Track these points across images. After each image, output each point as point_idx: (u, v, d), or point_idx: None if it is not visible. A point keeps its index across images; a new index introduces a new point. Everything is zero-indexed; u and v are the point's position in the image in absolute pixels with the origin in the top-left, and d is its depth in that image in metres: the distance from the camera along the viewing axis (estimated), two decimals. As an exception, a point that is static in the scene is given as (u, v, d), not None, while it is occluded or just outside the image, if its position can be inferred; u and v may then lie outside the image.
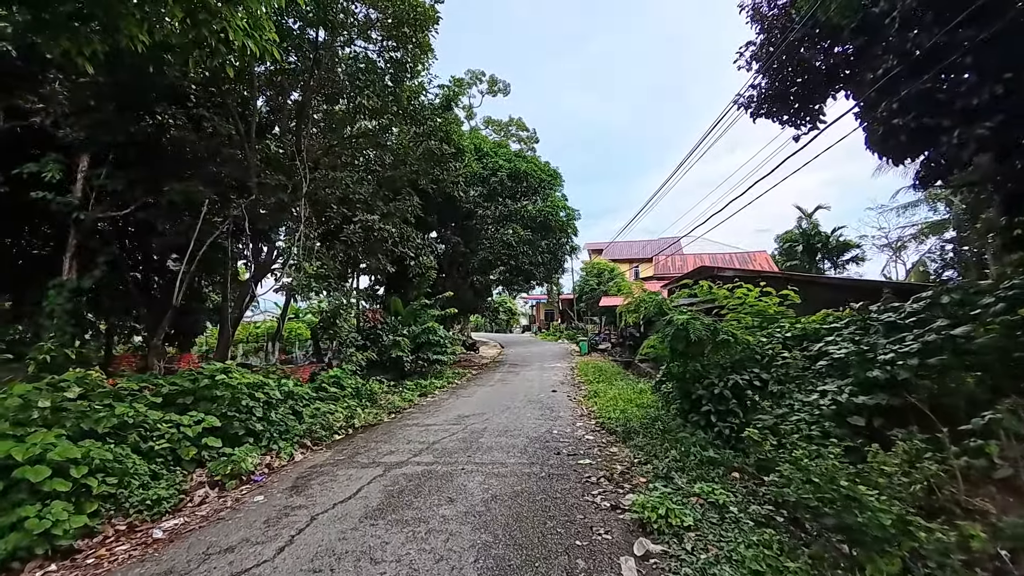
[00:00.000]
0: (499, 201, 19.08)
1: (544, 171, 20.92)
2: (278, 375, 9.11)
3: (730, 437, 6.49)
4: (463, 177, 15.92)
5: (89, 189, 10.16)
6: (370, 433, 8.47)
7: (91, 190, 10.21)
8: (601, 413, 9.18)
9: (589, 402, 10.71)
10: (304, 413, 8.50)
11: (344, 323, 11.99)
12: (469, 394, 12.68)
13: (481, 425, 8.54)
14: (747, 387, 6.87)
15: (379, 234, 12.99)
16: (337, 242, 12.62)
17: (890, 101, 7.20)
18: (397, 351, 14.52)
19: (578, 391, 12.89)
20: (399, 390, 13.42)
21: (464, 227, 19.56)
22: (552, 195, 20.31)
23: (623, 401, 10.11)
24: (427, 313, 16.57)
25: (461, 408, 10.51)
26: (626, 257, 40.71)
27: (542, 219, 18.96)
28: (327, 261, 12.42)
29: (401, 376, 15.28)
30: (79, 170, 10.20)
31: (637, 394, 10.76)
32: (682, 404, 7.63)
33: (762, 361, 7.37)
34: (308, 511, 4.75)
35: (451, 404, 11.18)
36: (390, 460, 6.45)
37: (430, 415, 9.88)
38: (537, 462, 6.18)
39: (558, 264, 21.54)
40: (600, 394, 11.25)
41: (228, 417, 7.07)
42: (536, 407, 10.33)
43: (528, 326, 56.96)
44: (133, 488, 5.00)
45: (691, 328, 6.84)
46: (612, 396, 10.80)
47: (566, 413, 9.62)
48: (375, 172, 14.58)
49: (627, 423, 7.86)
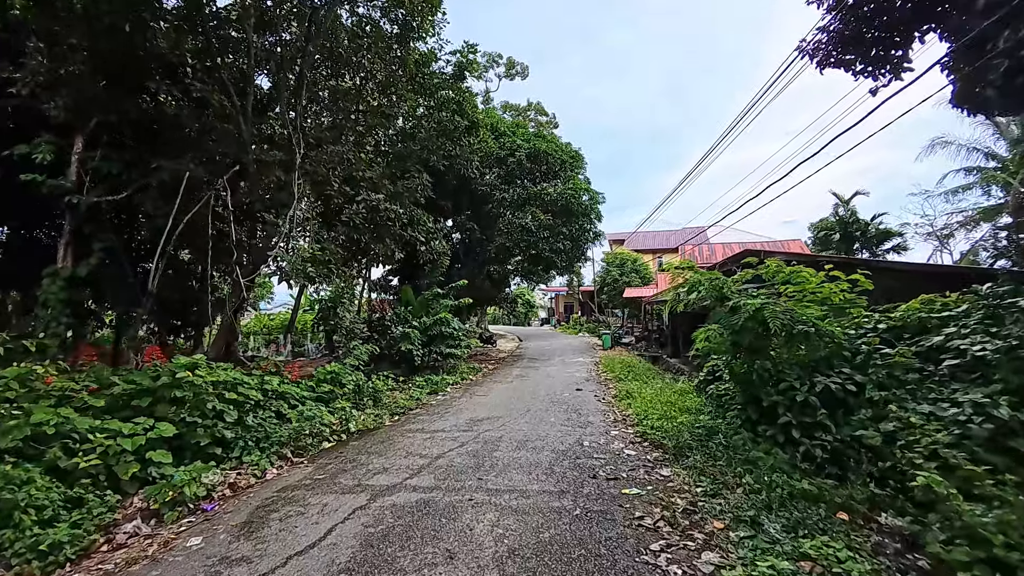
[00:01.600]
0: (517, 184, 17.49)
1: (565, 152, 19.25)
2: (260, 372, 7.78)
3: (822, 460, 4.87)
4: (478, 155, 14.40)
5: (83, 172, 9.38)
6: (365, 441, 7.07)
7: (85, 173, 9.43)
8: (639, 419, 7.62)
9: (622, 404, 9.14)
10: (291, 416, 7.14)
11: (346, 312, 10.64)
12: (484, 392, 11.23)
13: (496, 433, 7.06)
14: (840, 393, 5.24)
15: (385, 215, 11.59)
16: (339, 224, 11.26)
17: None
18: (407, 344, 13.15)
19: (606, 390, 11.31)
20: (408, 387, 12.06)
21: (480, 212, 18.06)
22: (574, 177, 18.65)
23: (662, 404, 8.52)
24: (440, 303, 15.16)
25: (474, 410, 9.06)
26: (649, 248, 38.73)
27: (563, 202, 17.34)
28: (327, 245, 11.06)
29: (411, 371, 13.94)
30: (73, 152, 9.37)
31: (678, 396, 9.15)
32: (746, 412, 6.02)
33: (853, 359, 5.72)
34: (249, 570, 3.33)
35: (463, 405, 9.74)
36: (380, 483, 5.02)
37: (438, 418, 8.45)
38: (568, 490, 4.66)
39: (580, 252, 19.87)
40: (634, 395, 9.67)
41: (190, 424, 5.75)
42: (560, 409, 8.82)
43: (547, 319, 55.34)
44: (25, 526, 3.66)
45: (769, 316, 5.20)
46: (649, 397, 9.21)
47: (596, 418, 8.07)
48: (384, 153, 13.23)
49: (676, 434, 6.27)
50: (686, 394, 9.22)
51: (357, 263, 16.95)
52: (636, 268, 30.54)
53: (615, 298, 30.62)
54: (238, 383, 6.66)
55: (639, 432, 6.88)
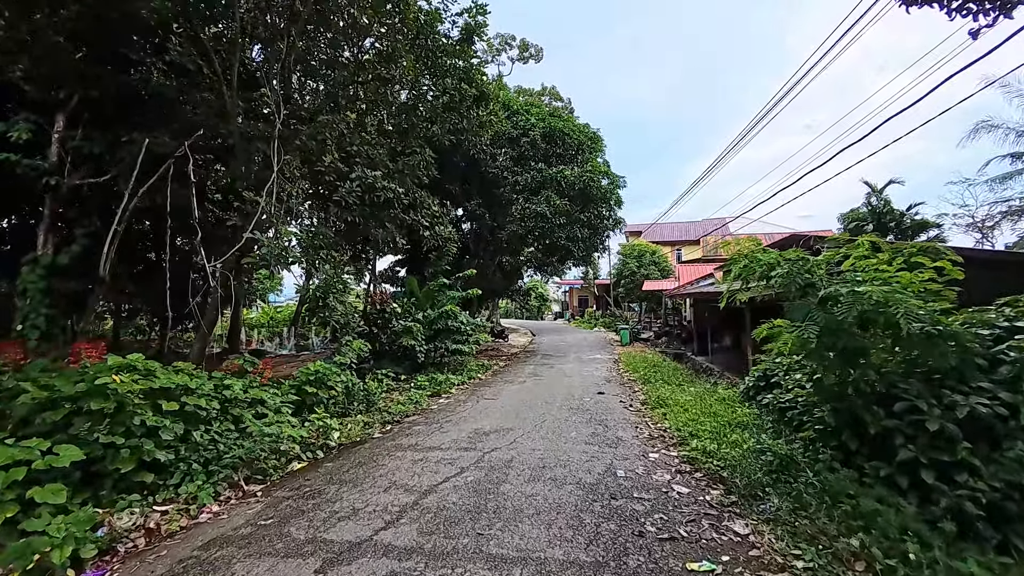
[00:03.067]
0: (531, 166, 15.92)
1: (583, 133, 17.59)
2: (221, 374, 6.41)
3: (973, 518, 3.32)
4: (488, 131, 12.87)
5: (64, 152, 8.51)
6: (344, 461, 5.66)
7: (66, 153, 8.55)
8: (681, 435, 6.10)
9: (655, 414, 7.61)
10: (253, 429, 5.77)
11: (338, 303, 9.26)
12: (493, 395, 9.79)
13: (505, 453, 5.60)
14: (990, 418, 3.67)
15: (383, 195, 10.16)
16: (331, 204, 9.86)
17: None
18: (409, 339, 11.77)
19: (632, 393, 9.79)
20: (408, 387, 10.68)
21: (491, 198, 16.54)
22: (592, 160, 17.01)
23: (705, 416, 6.99)
24: (446, 295, 13.74)
25: (480, 418, 7.62)
26: (668, 240, 36.87)
27: (581, 186, 15.73)
28: (318, 228, 9.69)
29: (415, 368, 12.57)
30: (54, 131, 8.48)
31: (722, 405, 7.60)
32: (837, 438, 4.47)
33: (991, 371, 4.12)
34: None
35: (468, 411, 8.30)
36: (342, 537, 3.59)
37: (437, 429, 7.02)
38: (607, 561, 3.17)
39: (599, 240, 18.25)
40: (667, 402, 8.13)
41: (108, 443, 4.39)
42: (582, 419, 7.33)
43: (560, 313, 53.71)
44: None
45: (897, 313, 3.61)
46: (686, 406, 7.68)
47: (627, 432, 6.56)
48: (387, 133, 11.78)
49: (738, 464, 4.73)
50: (731, 404, 7.66)
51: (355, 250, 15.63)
52: (655, 260, 28.77)
53: (632, 291, 28.92)
54: (185, 390, 5.30)
55: (685, 456, 5.35)
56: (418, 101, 11.08)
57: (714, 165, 26.75)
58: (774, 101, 11.52)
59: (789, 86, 10.55)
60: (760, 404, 7.15)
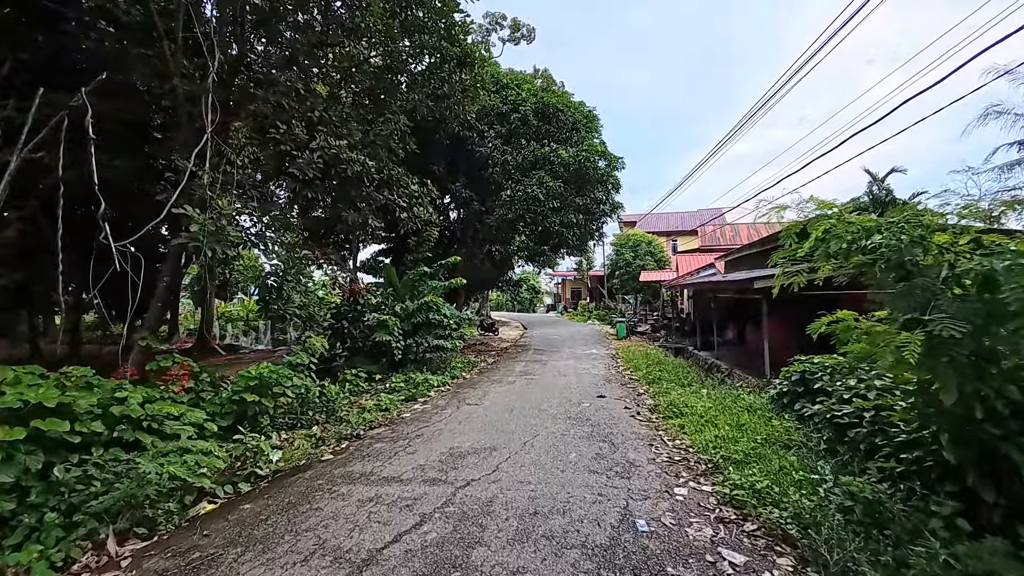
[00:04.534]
0: (522, 145, 14.41)
1: (578, 110, 16.06)
2: (116, 383, 4.90)
3: None
4: (474, 102, 11.32)
5: None
6: (266, 502, 4.20)
7: None
8: (711, 460, 4.72)
9: (671, 426, 6.22)
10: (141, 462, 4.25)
11: (296, 293, 7.76)
12: (477, 399, 8.36)
13: (485, 489, 4.18)
14: None
15: (349, 168, 8.63)
16: (285, 177, 8.32)
17: None
18: (383, 334, 10.28)
19: (637, 396, 8.42)
20: (382, 389, 9.23)
21: (479, 179, 14.99)
22: (588, 139, 15.54)
23: (733, 429, 5.62)
24: (427, 285, 12.26)
25: (458, 431, 6.19)
26: (663, 230, 35.53)
27: (576, 167, 14.24)
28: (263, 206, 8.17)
29: (392, 367, 11.11)
30: None
31: (749, 415, 6.23)
32: (961, 481, 3.09)
33: None
34: None
35: (445, 421, 6.86)
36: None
37: (403, 449, 5.57)
38: None
39: (595, 226, 16.80)
40: (681, 408, 6.75)
41: None
42: (582, 432, 5.94)
43: (553, 305, 52.31)
44: None
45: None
46: (705, 415, 6.31)
47: (641, 454, 5.16)
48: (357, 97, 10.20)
49: (809, 515, 3.33)
50: (761, 413, 6.30)
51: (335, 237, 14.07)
52: (651, 251, 27.44)
53: (628, 283, 27.59)
54: (38, 409, 3.81)
55: (725, 495, 3.95)
56: (392, 61, 9.49)
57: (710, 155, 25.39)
58: (772, 92, 10.70)
59: (786, 78, 10.01)
60: (800, 415, 5.79)
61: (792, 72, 9.93)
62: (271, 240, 7.72)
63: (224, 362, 13.85)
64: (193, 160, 6.35)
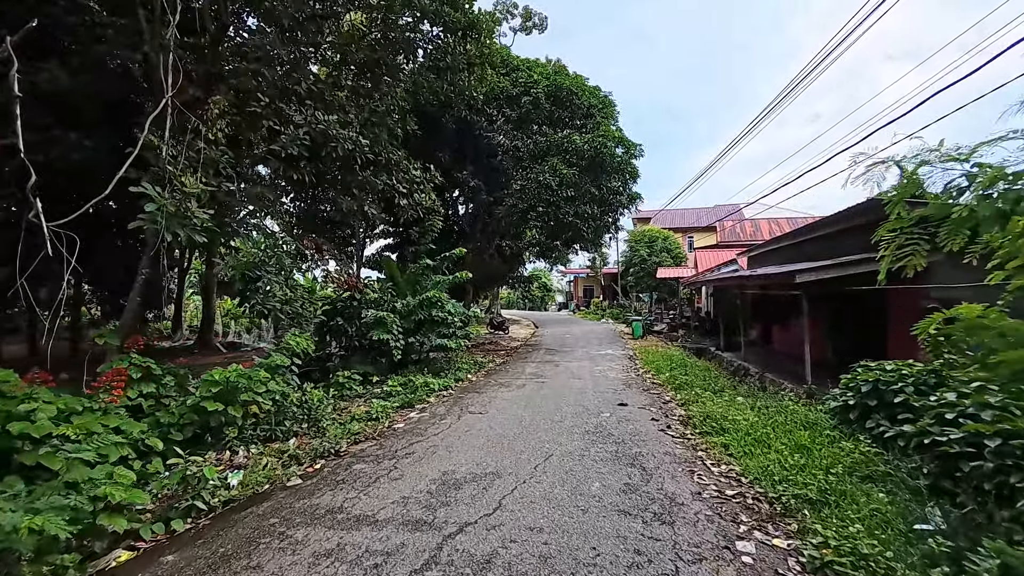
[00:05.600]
0: (533, 130, 13.29)
1: (593, 95, 14.89)
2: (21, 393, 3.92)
3: None
4: (480, 80, 10.24)
5: None
6: (195, 552, 3.18)
7: None
8: (779, 498, 3.61)
9: (710, 445, 5.09)
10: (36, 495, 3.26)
11: (275, 285, 6.77)
12: (481, 407, 7.31)
13: (482, 540, 3.12)
14: None
15: (339, 147, 7.64)
16: (271, 158, 7.33)
17: None
18: (381, 332, 9.29)
19: (663, 404, 7.29)
20: (376, 394, 8.24)
21: (487, 167, 13.92)
22: (604, 125, 14.36)
23: (792, 451, 4.49)
24: (431, 279, 11.25)
25: (456, 449, 5.14)
26: (678, 226, 34.11)
27: (592, 154, 13.10)
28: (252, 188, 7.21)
29: (391, 368, 10.13)
30: None
31: (808, 432, 5.08)
32: None
33: None
34: None
35: (442, 435, 5.82)
36: None
37: (386, 474, 4.54)
38: None
39: (611, 218, 15.61)
40: (723, 425, 5.61)
41: None
42: (605, 453, 4.85)
43: (565, 304, 51.05)
44: None
45: None
46: (754, 432, 5.17)
47: (682, 484, 4.05)
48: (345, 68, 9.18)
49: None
50: (821, 430, 5.14)
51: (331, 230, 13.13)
52: (668, 247, 26.10)
53: (643, 280, 26.29)
54: None
55: (816, 560, 2.82)
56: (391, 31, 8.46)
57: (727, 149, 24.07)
58: (792, 86, 9.85)
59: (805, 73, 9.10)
60: (877, 435, 4.62)
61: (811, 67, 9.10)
62: (253, 227, 6.75)
63: (223, 360, 13.00)
64: (148, 127, 5.37)
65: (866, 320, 9.07)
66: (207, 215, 5.91)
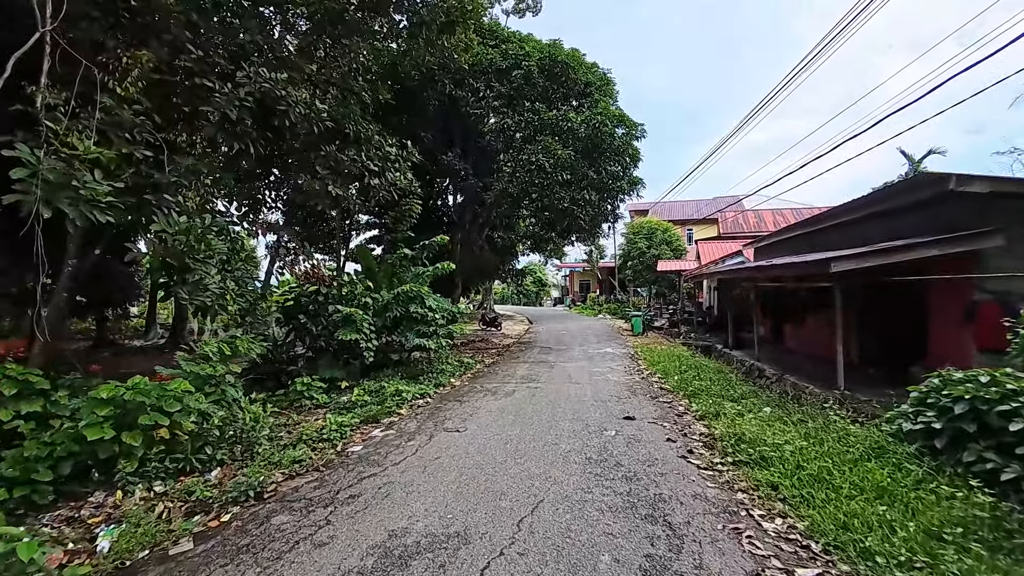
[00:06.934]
0: (525, 107, 11.96)
1: (591, 71, 13.54)
2: None
3: None
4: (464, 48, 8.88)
5: None
6: None
7: None
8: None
9: (754, 483, 3.83)
10: None
11: (206, 275, 5.47)
12: (460, 421, 6.02)
13: None
14: None
15: (290, 112, 6.31)
16: (204, 123, 5.98)
17: None
18: (349, 332, 7.98)
19: (678, 417, 6.03)
20: (341, 405, 6.95)
21: (475, 149, 12.59)
22: (603, 103, 13.01)
23: (860, 490, 3.25)
24: (410, 271, 9.95)
25: (415, 491, 3.86)
26: (677, 218, 32.85)
27: (589, 133, 11.79)
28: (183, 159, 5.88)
29: (363, 372, 8.86)
30: None
31: (878, 465, 3.84)
32: None
33: None
34: None
35: (404, 464, 4.53)
36: None
37: (309, 536, 3.25)
38: None
39: (610, 205, 14.30)
40: (763, 451, 4.35)
41: None
42: (613, 496, 3.58)
43: (560, 298, 49.75)
44: None
45: None
46: (809, 466, 3.92)
47: (730, 559, 2.80)
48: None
49: None
50: (892, 459, 3.90)
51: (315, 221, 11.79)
52: (667, 239, 24.85)
53: (642, 273, 25.07)
54: None
55: None
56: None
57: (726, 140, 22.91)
58: (788, 78, 8.78)
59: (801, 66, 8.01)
60: (986, 475, 3.37)
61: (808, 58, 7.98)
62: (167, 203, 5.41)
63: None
64: (11, 67, 4.03)
65: (902, 316, 7.90)
66: (108, 187, 4.58)
